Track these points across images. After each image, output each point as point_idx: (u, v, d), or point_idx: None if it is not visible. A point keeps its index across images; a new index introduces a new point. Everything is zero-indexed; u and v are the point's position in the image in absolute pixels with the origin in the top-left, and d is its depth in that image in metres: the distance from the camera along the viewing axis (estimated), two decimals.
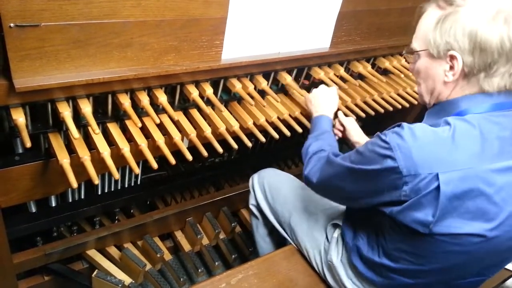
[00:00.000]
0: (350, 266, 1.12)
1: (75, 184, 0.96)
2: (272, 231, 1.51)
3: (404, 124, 0.85)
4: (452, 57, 0.85)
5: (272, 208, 1.41)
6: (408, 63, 1.02)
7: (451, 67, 0.86)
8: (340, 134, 1.41)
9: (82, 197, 1.43)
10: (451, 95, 0.91)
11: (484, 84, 0.85)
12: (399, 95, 1.63)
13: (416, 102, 1.62)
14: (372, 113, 1.51)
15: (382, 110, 1.53)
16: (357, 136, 1.37)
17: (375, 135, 0.90)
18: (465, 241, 0.86)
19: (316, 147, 1.16)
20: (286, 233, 1.37)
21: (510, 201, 0.83)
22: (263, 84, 1.31)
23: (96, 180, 0.98)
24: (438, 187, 0.80)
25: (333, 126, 1.42)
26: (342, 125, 1.40)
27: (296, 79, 1.48)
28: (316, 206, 1.31)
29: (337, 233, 1.18)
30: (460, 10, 0.83)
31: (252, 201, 1.51)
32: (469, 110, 0.87)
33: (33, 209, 1.32)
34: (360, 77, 1.61)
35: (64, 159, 1.00)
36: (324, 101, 1.33)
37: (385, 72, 1.69)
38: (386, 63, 1.64)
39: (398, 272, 0.99)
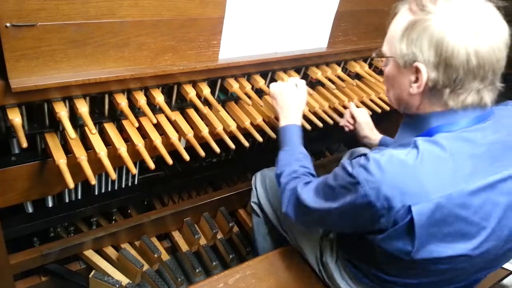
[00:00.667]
0: (345, 269, 1.11)
1: (71, 185, 0.95)
2: (272, 230, 1.50)
3: (370, 156, 0.80)
4: (417, 69, 0.79)
5: (273, 206, 1.40)
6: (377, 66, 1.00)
7: (417, 78, 0.81)
8: (350, 127, 1.38)
9: (79, 197, 1.43)
10: (420, 108, 0.86)
11: (449, 100, 0.80)
12: None
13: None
14: (370, 112, 1.50)
15: (379, 110, 1.53)
16: (368, 130, 1.35)
17: (341, 165, 0.86)
18: (451, 261, 0.84)
19: (288, 175, 1.08)
20: (286, 232, 1.36)
21: (489, 218, 0.81)
22: (261, 83, 1.31)
23: (93, 181, 0.97)
24: (411, 219, 0.76)
25: (343, 117, 1.41)
26: (353, 117, 1.36)
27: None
28: None
29: (332, 234, 1.17)
30: (430, 18, 0.77)
31: (253, 198, 1.49)
32: (440, 128, 0.82)
33: (30, 210, 1.32)
34: (358, 77, 1.61)
35: (60, 160, 1.00)
36: (291, 101, 1.20)
37: (382, 72, 1.68)
38: None
39: (391, 282, 0.97)
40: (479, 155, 0.80)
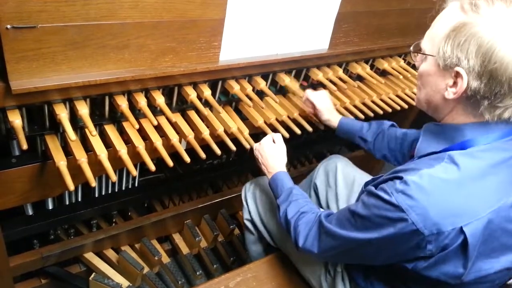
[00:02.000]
0: None
1: (72, 187, 0.95)
2: (268, 248, 1.42)
3: (408, 179, 0.74)
4: (458, 74, 0.74)
5: (265, 224, 1.33)
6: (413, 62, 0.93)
7: (455, 83, 0.76)
8: (310, 110, 1.38)
9: (79, 199, 1.42)
10: (451, 116, 0.82)
11: (485, 112, 0.76)
12: (398, 96, 1.62)
13: (415, 104, 1.62)
14: (371, 114, 1.50)
15: (381, 112, 1.53)
16: (327, 114, 1.34)
17: (370, 192, 0.81)
18: (494, 277, 0.83)
19: (294, 212, 1.04)
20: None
21: None
22: (262, 84, 1.31)
23: (93, 183, 0.97)
24: (464, 239, 0.74)
25: (303, 102, 1.40)
26: (310, 101, 1.35)
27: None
28: None
29: (340, 267, 1.08)
30: (482, 22, 0.71)
31: (246, 215, 1.39)
32: (474, 141, 0.79)
33: (30, 212, 1.31)
34: (359, 78, 1.61)
35: (61, 161, 0.99)
36: (272, 156, 1.20)
37: (383, 73, 1.68)
38: (384, 64, 1.64)
39: None
40: None
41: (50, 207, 1.36)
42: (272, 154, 1.20)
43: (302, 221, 1.00)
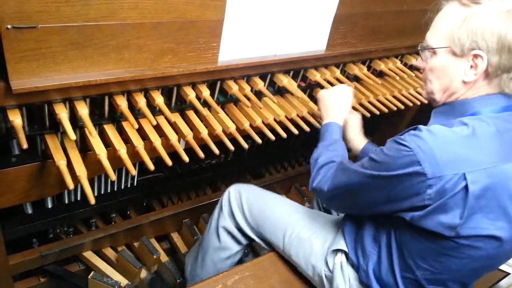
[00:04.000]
0: None
1: (71, 186, 0.96)
2: (232, 258, 1.38)
3: (421, 126, 0.84)
4: (476, 56, 0.84)
5: (261, 232, 1.30)
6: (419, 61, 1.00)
7: (472, 66, 0.86)
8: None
9: (78, 198, 1.43)
10: (464, 95, 0.90)
11: (504, 86, 0.85)
12: (394, 97, 1.64)
13: (411, 104, 1.63)
14: (368, 115, 1.51)
15: (377, 112, 1.54)
16: (353, 133, 1.34)
17: (388, 141, 0.88)
18: (484, 244, 0.85)
19: (326, 159, 1.10)
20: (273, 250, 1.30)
21: None
22: (260, 85, 1.32)
23: (88, 189, 0.98)
24: (465, 187, 0.79)
25: None
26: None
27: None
28: (308, 231, 1.21)
29: (339, 259, 1.10)
30: (489, 9, 0.82)
31: (224, 222, 1.32)
32: (481, 111, 0.87)
33: (29, 211, 1.32)
34: (356, 79, 1.62)
35: (60, 161, 1.00)
36: (335, 103, 1.25)
37: (380, 74, 1.70)
38: (381, 65, 1.65)
39: (418, 283, 0.96)
40: None
41: (50, 206, 1.37)
42: (335, 102, 1.25)
43: (327, 166, 1.07)
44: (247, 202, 1.32)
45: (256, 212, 1.30)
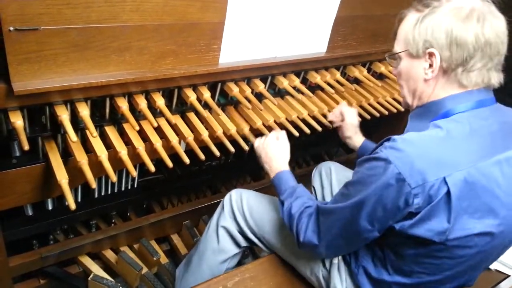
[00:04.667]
0: None
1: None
2: (230, 259, 1.36)
3: (395, 137, 0.84)
4: (431, 54, 0.88)
5: (260, 234, 1.29)
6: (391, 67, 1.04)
7: (430, 65, 0.89)
8: (337, 124, 1.39)
9: (79, 200, 1.43)
10: (433, 94, 0.92)
11: (462, 79, 0.87)
12: (394, 99, 1.64)
13: (402, 107, 1.63)
14: (368, 117, 1.52)
15: (377, 114, 1.54)
16: (353, 131, 1.36)
17: (361, 161, 0.88)
18: (477, 242, 0.87)
19: (299, 207, 1.05)
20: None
21: (510, 193, 0.86)
22: (261, 87, 1.32)
23: (94, 184, 0.98)
24: (448, 191, 0.80)
25: (332, 112, 1.42)
26: (342, 114, 1.38)
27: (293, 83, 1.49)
28: None
29: (336, 259, 1.10)
30: (437, 10, 0.88)
31: (223, 222, 1.32)
32: (454, 110, 0.89)
33: (30, 212, 1.32)
34: (356, 81, 1.62)
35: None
36: (275, 152, 1.21)
37: (380, 76, 1.70)
38: (381, 68, 1.66)
39: (412, 286, 0.96)
40: (496, 131, 0.88)
41: (50, 207, 1.37)
42: (276, 152, 1.21)
43: (306, 214, 1.02)
44: (248, 205, 1.31)
45: (256, 215, 1.30)
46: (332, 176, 1.42)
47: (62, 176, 1.00)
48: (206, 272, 1.36)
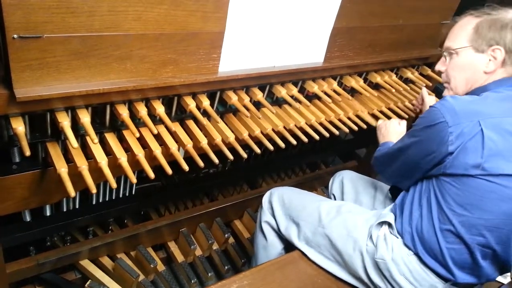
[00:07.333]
0: (403, 262, 1.15)
1: (73, 193, 0.97)
2: (281, 253, 1.49)
3: (447, 96, 1.08)
4: (494, 50, 1.09)
5: (296, 222, 1.39)
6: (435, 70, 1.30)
7: (490, 59, 1.11)
8: (418, 108, 1.61)
9: (77, 206, 1.43)
10: (484, 82, 1.13)
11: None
12: (389, 109, 1.67)
13: (406, 116, 1.66)
14: (364, 126, 1.54)
15: (374, 124, 1.56)
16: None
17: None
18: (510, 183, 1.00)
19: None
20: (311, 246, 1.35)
21: None
22: (259, 95, 1.34)
23: (94, 189, 0.99)
24: (481, 131, 0.99)
25: (417, 98, 1.67)
26: (422, 98, 1.57)
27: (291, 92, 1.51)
28: (349, 210, 1.33)
29: (383, 231, 1.20)
30: (496, 15, 1.10)
31: (265, 217, 1.47)
32: (494, 89, 1.10)
33: (28, 218, 1.32)
34: (353, 91, 1.65)
35: (62, 168, 1.01)
36: (392, 131, 1.46)
37: (376, 86, 1.73)
38: (377, 78, 1.68)
39: (456, 235, 1.07)
40: None
41: (48, 213, 1.37)
42: (393, 130, 1.46)
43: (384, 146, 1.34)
44: (288, 197, 1.45)
45: (295, 202, 1.43)
46: (356, 183, 1.58)
47: (61, 166, 1.01)
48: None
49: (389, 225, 1.20)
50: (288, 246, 1.47)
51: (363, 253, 1.22)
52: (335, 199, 1.60)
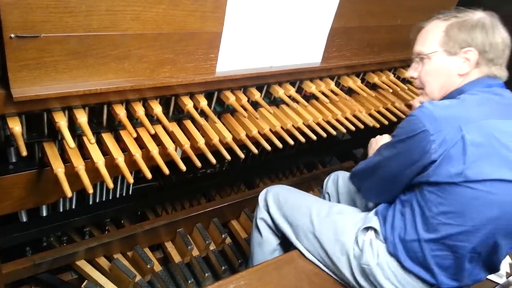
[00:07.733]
0: (387, 267, 1.15)
1: (69, 193, 0.96)
2: (279, 247, 1.49)
3: (425, 102, 1.06)
4: (467, 52, 1.09)
5: (289, 221, 1.39)
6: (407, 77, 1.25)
7: (466, 60, 1.10)
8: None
9: (73, 206, 1.43)
10: (459, 85, 1.12)
11: (486, 72, 1.10)
12: (387, 109, 1.67)
13: (404, 117, 1.66)
14: (362, 126, 1.54)
15: (371, 124, 1.57)
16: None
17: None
18: (497, 188, 0.99)
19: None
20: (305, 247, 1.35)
21: None
22: (256, 96, 1.34)
23: (91, 190, 0.98)
24: (462, 137, 0.97)
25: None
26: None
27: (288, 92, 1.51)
28: (339, 212, 1.32)
29: (369, 236, 1.19)
30: (470, 18, 1.10)
31: (261, 214, 1.47)
32: (470, 91, 1.09)
33: (24, 219, 1.32)
34: (350, 91, 1.65)
35: (59, 168, 1.01)
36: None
37: (374, 87, 1.73)
38: (375, 78, 1.69)
39: (442, 243, 1.06)
40: (506, 105, 1.08)
41: (45, 214, 1.36)
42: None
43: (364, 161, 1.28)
44: (283, 196, 1.44)
45: (290, 201, 1.42)
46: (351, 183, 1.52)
47: (58, 166, 1.01)
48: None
49: (374, 230, 1.19)
50: (284, 243, 1.48)
51: (350, 257, 1.21)
52: (329, 198, 1.60)
